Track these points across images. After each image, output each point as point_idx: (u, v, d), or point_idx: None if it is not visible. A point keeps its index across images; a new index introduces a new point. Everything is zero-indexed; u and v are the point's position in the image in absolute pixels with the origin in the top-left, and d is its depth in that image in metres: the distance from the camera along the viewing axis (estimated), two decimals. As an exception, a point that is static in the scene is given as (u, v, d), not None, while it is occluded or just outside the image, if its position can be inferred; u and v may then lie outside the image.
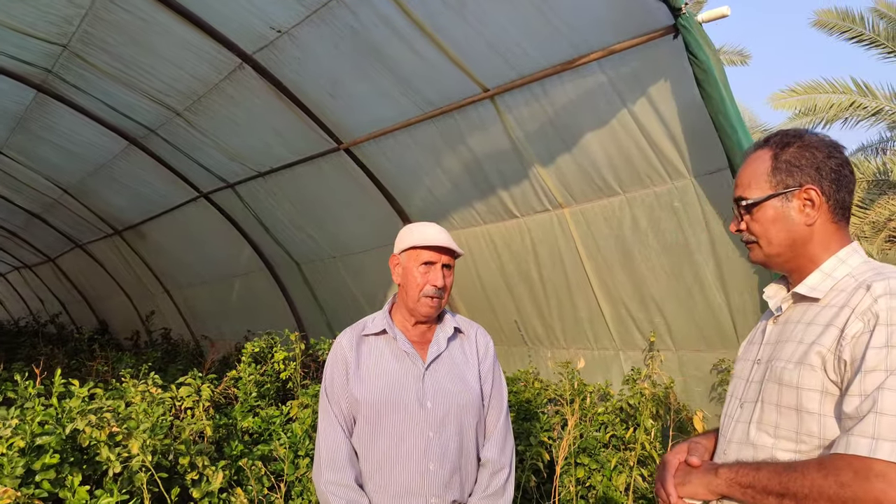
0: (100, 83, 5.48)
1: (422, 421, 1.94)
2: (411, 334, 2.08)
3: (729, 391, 1.62)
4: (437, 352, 2.05)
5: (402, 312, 2.10)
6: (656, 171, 3.66)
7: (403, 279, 2.05)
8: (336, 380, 2.02)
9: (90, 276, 12.30)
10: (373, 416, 1.94)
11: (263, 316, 8.02)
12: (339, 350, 2.05)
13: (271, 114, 5.08)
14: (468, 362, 2.09)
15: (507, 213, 4.53)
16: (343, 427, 1.99)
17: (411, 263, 2.02)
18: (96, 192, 8.43)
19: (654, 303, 4.08)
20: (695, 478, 1.44)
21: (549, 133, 3.85)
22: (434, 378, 2.00)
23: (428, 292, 2.00)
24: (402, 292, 2.07)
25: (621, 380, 4.48)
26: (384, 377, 1.98)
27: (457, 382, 2.02)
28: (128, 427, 2.55)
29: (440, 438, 1.94)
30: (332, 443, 1.96)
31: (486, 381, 2.10)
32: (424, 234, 2.03)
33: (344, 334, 2.09)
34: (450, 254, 2.06)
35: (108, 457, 2.44)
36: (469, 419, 2.01)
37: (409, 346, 2.03)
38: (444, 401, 1.97)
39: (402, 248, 2.06)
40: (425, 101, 4.17)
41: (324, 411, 2.02)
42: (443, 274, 2.03)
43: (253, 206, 6.69)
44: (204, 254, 8.48)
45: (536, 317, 4.85)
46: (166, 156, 6.59)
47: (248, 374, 4.89)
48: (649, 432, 3.68)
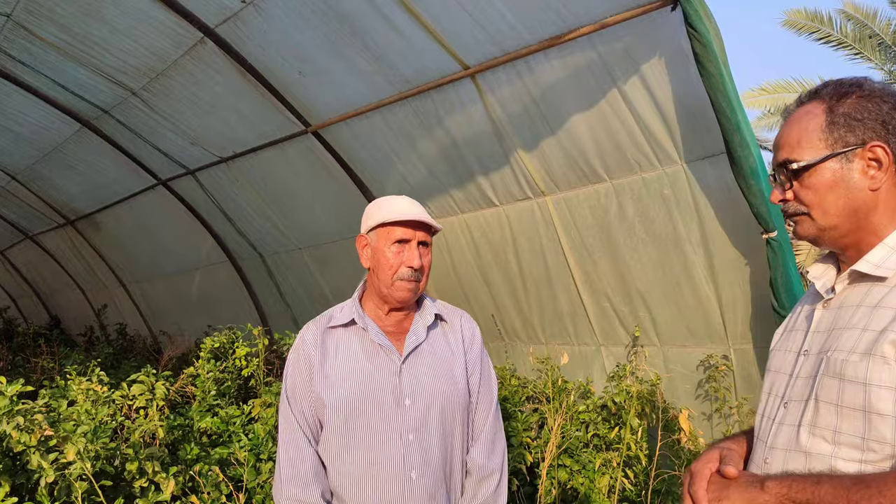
0: (48, 58, 5.08)
1: (400, 422, 1.68)
2: (385, 324, 1.82)
3: (765, 388, 1.40)
4: (416, 342, 1.79)
5: (373, 300, 1.84)
6: (646, 157, 3.46)
7: (374, 261, 1.79)
8: (298, 381, 1.75)
9: (41, 270, 11.71)
10: (342, 420, 1.68)
11: (225, 310, 7.66)
12: (301, 346, 1.79)
13: (235, 94, 4.77)
14: (453, 354, 1.84)
15: (486, 201, 4.30)
16: (307, 435, 1.72)
17: (382, 243, 1.77)
18: (47, 179, 7.95)
19: (639, 296, 3.89)
20: (734, 492, 1.19)
21: (534, 115, 3.63)
22: (413, 373, 1.74)
23: (403, 275, 1.75)
24: (373, 277, 1.81)
25: (603, 377, 4.29)
26: (354, 375, 1.72)
27: (439, 377, 1.76)
28: (63, 430, 2.24)
29: (422, 442, 1.68)
30: (295, 454, 1.69)
31: (473, 375, 1.85)
32: (395, 208, 1.77)
33: (307, 328, 1.83)
34: (426, 229, 1.80)
35: (39, 464, 2.13)
36: (454, 419, 1.76)
37: (382, 337, 1.77)
38: (424, 398, 1.71)
39: (370, 226, 1.80)
40: (401, 79, 3.91)
41: (284, 418, 1.75)
42: (419, 253, 1.77)
43: (215, 194, 6.34)
44: (162, 245, 8.07)
45: (514, 310, 4.64)
46: (122, 140, 6.20)
47: (207, 371, 4.58)
48: (636, 432, 3.49)
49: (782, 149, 1.30)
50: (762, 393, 1.41)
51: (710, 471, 1.29)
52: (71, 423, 2.39)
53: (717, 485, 1.25)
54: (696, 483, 1.27)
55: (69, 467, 2.30)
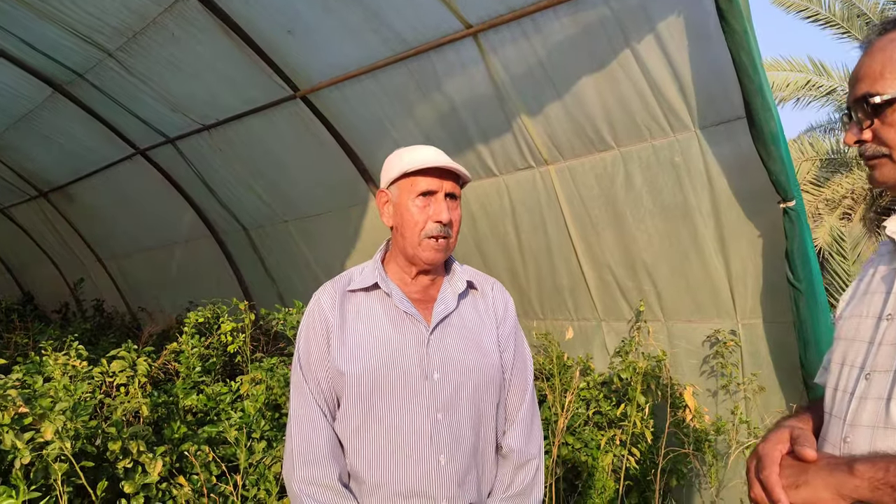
0: (15, 14, 4.75)
1: (428, 398, 1.50)
2: (411, 289, 1.63)
3: (835, 359, 1.24)
4: (445, 311, 1.60)
5: (398, 262, 1.65)
6: (657, 123, 3.30)
7: (397, 218, 1.60)
8: (313, 349, 1.57)
9: (13, 244, 11.30)
10: (362, 394, 1.51)
11: (207, 286, 7.40)
12: (317, 310, 1.59)
13: (219, 56, 4.50)
14: (484, 325, 1.65)
15: (485, 170, 4.11)
16: (323, 410, 1.54)
17: (405, 196, 1.58)
18: (17, 148, 7.58)
19: (644, 269, 3.75)
20: (815, 477, 1.04)
21: (539, 77, 3.44)
22: (442, 344, 1.56)
23: (431, 231, 1.56)
24: (397, 236, 1.62)
25: (603, 353, 4.17)
26: (377, 343, 1.54)
27: (471, 350, 1.58)
28: (40, 407, 2.04)
29: (452, 422, 1.51)
30: (309, 430, 1.52)
31: (507, 349, 1.67)
32: (419, 156, 1.58)
33: (323, 290, 1.63)
34: (454, 179, 1.61)
35: (13, 444, 1.94)
36: (488, 397, 1.58)
37: (408, 304, 1.59)
38: (455, 373, 1.54)
39: (391, 179, 1.61)
40: (398, 38, 3.69)
41: (297, 390, 1.57)
42: (447, 206, 1.58)
43: (196, 164, 6.07)
44: (141, 219, 7.77)
45: (511, 284, 4.47)
46: (97, 106, 5.88)
47: (192, 347, 4.37)
48: (642, 409, 3.37)
49: (862, 81, 1.13)
50: (831, 364, 1.25)
51: (781, 453, 1.14)
52: (48, 399, 2.20)
53: (792, 469, 1.09)
54: (767, 468, 1.11)
55: (47, 447, 2.11)
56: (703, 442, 3.49)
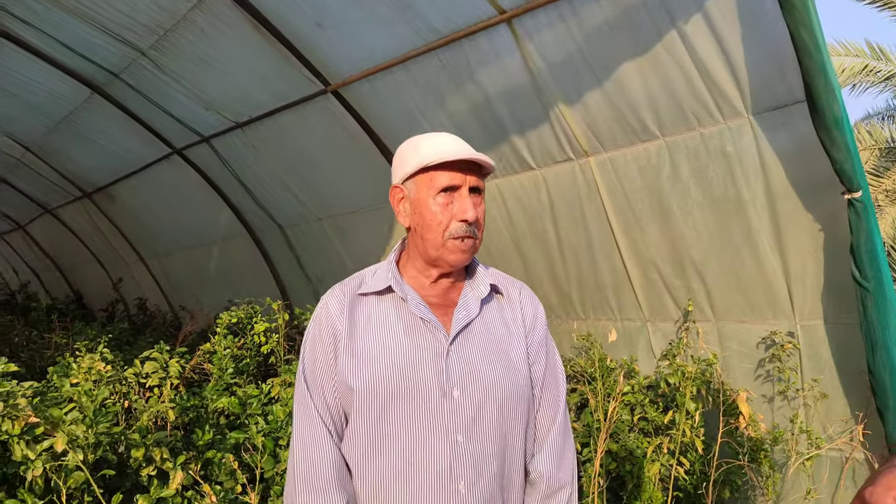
0: (51, 15, 4.77)
1: (447, 418, 1.33)
2: (429, 294, 1.47)
3: None
4: (467, 318, 1.43)
5: (416, 264, 1.49)
6: (706, 109, 3.07)
7: (416, 218, 1.43)
8: (319, 359, 1.42)
9: (62, 244, 11.57)
10: (372, 412, 1.34)
11: (245, 285, 7.40)
12: (324, 316, 1.44)
13: (249, 51, 4.42)
14: (511, 335, 1.47)
15: (522, 163, 3.93)
16: (329, 428, 1.39)
17: (424, 193, 1.41)
18: (61, 150, 7.71)
19: (692, 266, 3.52)
20: None
21: (578, 63, 3.24)
22: (463, 356, 1.38)
23: (456, 231, 1.39)
24: (416, 237, 1.45)
25: (649, 355, 3.95)
26: (390, 353, 1.37)
27: (496, 363, 1.40)
28: (50, 417, 1.96)
29: (474, 445, 1.34)
30: (313, 452, 1.36)
31: (537, 362, 1.49)
32: (438, 147, 1.41)
33: (331, 293, 1.47)
34: (477, 171, 1.43)
35: (25, 455, 1.86)
36: (515, 416, 1.40)
37: (425, 310, 1.41)
38: (478, 388, 1.36)
39: (407, 173, 1.44)
40: (429, 28, 3.54)
41: (301, 405, 1.41)
42: (472, 202, 1.41)
43: (231, 162, 6.04)
44: (179, 218, 7.81)
45: (550, 283, 4.29)
46: (134, 106, 5.90)
47: (224, 348, 4.31)
48: (692, 416, 3.15)
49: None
50: None
51: None
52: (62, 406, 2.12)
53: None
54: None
55: (63, 457, 2.03)
56: (759, 452, 3.25)
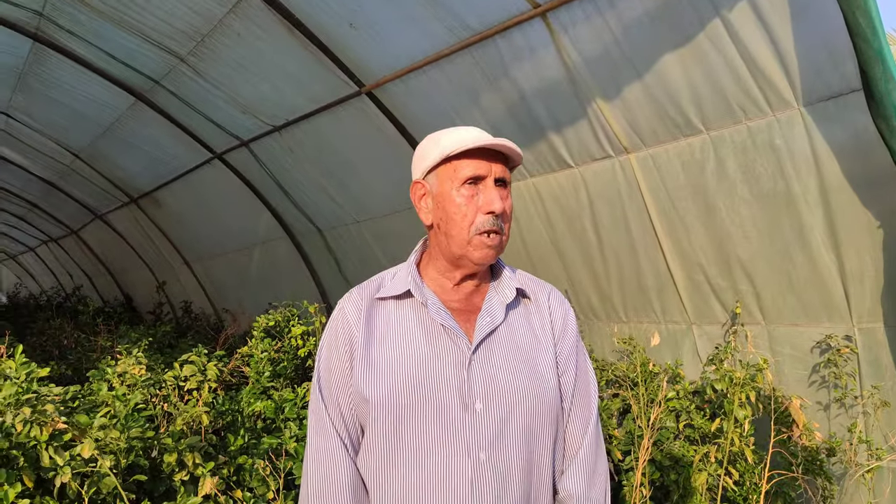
0: (94, 25, 4.87)
1: (468, 433, 1.24)
2: (451, 298, 1.37)
3: None
4: (491, 325, 1.33)
5: (437, 265, 1.39)
6: (753, 101, 2.91)
7: (439, 213, 1.33)
8: (335, 368, 1.34)
9: (112, 249, 11.91)
10: (388, 426, 1.26)
11: (286, 287, 7.46)
12: (340, 322, 1.36)
13: (283, 54, 4.42)
14: (538, 342, 1.37)
15: (559, 161, 3.82)
16: (344, 442, 1.31)
17: (447, 185, 1.31)
18: (108, 157, 7.91)
19: (740, 266, 3.36)
20: None
21: (616, 57, 3.12)
22: (486, 366, 1.29)
23: (483, 225, 1.29)
24: (439, 235, 1.34)
25: (694, 359, 3.79)
26: (408, 363, 1.28)
27: (521, 374, 1.30)
28: (77, 423, 1.96)
29: (497, 462, 1.24)
30: (328, 467, 1.29)
31: (567, 371, 1.38)
32: (461, 137, 1.31)
33: (348, 298, 1.39)
34: (503, 161, 1.34)
35: (54, 461, 1.86)
36: (543, 431, 1.30)
37: (446, 316, 1.32)
38: (502, 401, 1.27)
39: (428, 166, 1.34)
40: (462, 25, 3.46)
41: (316, 417, 1.34)
42: (499, 193, 1.31)
43: (269, 166, 6.07)
44: (221, 221, 7.93)
45: (591, 285, 4.16)
46: (175, 111, 5.99)
47: (262, 351, 4.32)
48: (741, 424, 2.99)
49: None
50: None
51: None
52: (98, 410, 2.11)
53: None
54: None
55: (92, 463, 2.02)
56: (814, 463, 3.07)
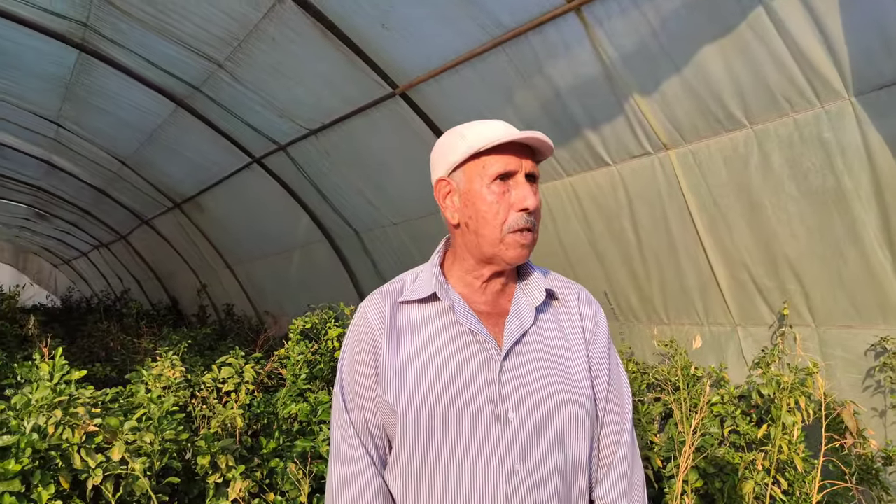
0: (135, 34, 4.97)
1: (501, 444, 1.18)
2: (477, 300, 1.31)
3: None
4: (521, 329, 1.27)
5: (464, 265, 1.33)
6: (800, 92, 2.78)
7: (468, 211, 1.27)
8: (359, 376, 1.28)
9: (158, 253, 12.19)
10: (418, 436, 1.20)
11: (324, 290, 7.50)
12: (363, 327, 1.30)
13: (317, 57, 4.43)
14: (570, 346, 1.30)
15: (596, 159, 3.73)
16: (370, 453, 1.25)
17: (477, 183, 1.25)
18: (152, 163, 8.09)
19: (787, 266, 3.21)
20: None
21: (653, 50, 3.02)
22: (518, 372, 1.23)
23: (516, 223, 1.23)
24: (468, 234, 1.28)
25: (740, 362, 3.64)
26: (436, 371, 1.22)
27: (555, 379, 1.24)
28: (108, 426, 1.97)
29: (532, 473, 1.18)
30: (354, 480, 1.23)
31: (600, 375, 1.32)
32: (489, 132, 1.25)
33: (370, 301, 1.34)
34: (531, 156, 1.27)
35: (86, 464, 1.87)
36: (578, 438, 1.24)
37: (474, 320, 1.26)
38: (536, 409, 1.20)
39: (455, 163, 1.27)
40: (494, 22, 3.40)
41: (339, 428, 1.28)
42: (531, 189, 1.25)
43: (307, 169, 6.11)
44: (261, 225, 8.03)
45: (631, 286, 4.05)
46: (214, 116, 6.08)
47: (298, 354, 4.33)
48: (789, 431, 2.85)
49: None
50: None
51: None
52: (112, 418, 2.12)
53: None
54: None
55: (123, 466, 2.03)
56: (869, 472, 2.91)
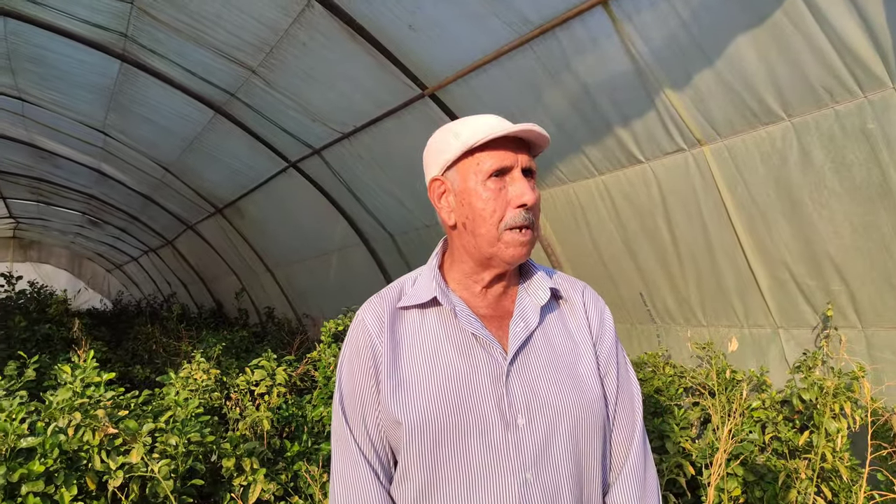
0: (172, 43, 5.08)
1: (512, 452, 1.13)
2: (478, 304, 1.26)
3: None
4: (526, 330, 1.21)
5: (462, 267, 1.28)
6: (840, 82, 2.65)
7: (464, 211, 1.22)
8: (359, 387, 1.22)
9: (202, 257, 12.47)
10: (426, 449, 1.14)
11: (361, 293, 7.46)
12: (361, 336, 1.24)
13: (347, 60, 4.45)
14: (577, 346, 1.25)
15: (628, 156, 3.63)
16: (374, 468, 1.19)
17: (471, 180, 1.20)
18: (194, 169, 8.27)
19: (831, 265, 3.07)
20: None
21: (684, 43, 2.92)
22: (525, 377, 1.18)
23: (513, 220, 1.18)
24: (465, 234, 1.23)
25: (782, 365, 3.50)
26: (442, 380, 1.17)
27: (563, 383, 1.19)
28: (127, 428, 1.98)
29: (545, 481, 1.13)
30: (357, 498, 1.17)
31: (608, 375, 1.26)
32: (482, 127, 1.19)
33: (368, 307, 1.28)
34: (527, 150, 1.22)
35: (106, 466, 1.89)
36: (590, 443, 1.18)
37: (477, 324, 1.20)
38: (545, 415, 1.15)
39: (448, 161, 1.23)
40: (521, 19, 3.35)
41: (340, 443, 1.22)
42: (528, 185, 1.20)
43: (341, 172, 6.15)
44: (299, 229, 8.12)
45: (667, 287, 3.93)
46: (250, 122, 6.18)
47: (329, 356, 4.34)
48: (833, 438, 2.71)
49: None
50: None
51: None
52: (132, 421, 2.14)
53: None
54: None
55: (145, 468, 2.05)
56: (921, 483, 2.74)
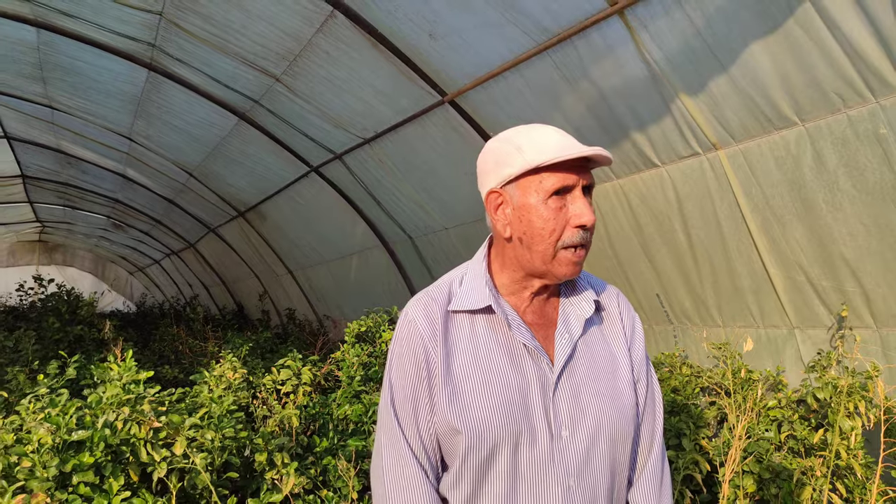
0: (198, 52, 5.24)
1: (556, 462, 1.18)
2: (525, 311, 1.29)
3: None
4: (570, 343, 1.25)
5: (512, 275, 1.28)
6: (852, 87, 2.71)
7: (521, 226, 1.21)
8: (412, 390, 1.23)
9: (224, 260, 12.68)
10: (480, 457, 1.17)
11: (381, 294, 7.67)
12: (415, 338, 1.24)
13: (369, 68, 4.57)
14: (615, 356, 1.30)
15: (644, 161, 3.71)
16: (426, 469, 1.22)
17: (532, 197, 1.19)
18: (217, 174, 8.46)
19: (845, 266, 3.12)
20: None
21: (698, 49, 3.00)
22: (571, 389, 1.22)
23: (571, 240, 1.19)
24: (520, 248, 1.24)
25: (798, 365, 3.55)
26: (498, 390, 1.19)
27: (605, 394, 1.24)
28: (171, 422, 2.10)
29: (585, 487, 1.19)
30: (410, 497, 1.19)
31: (640, 380, 1.31)
32: (547, 146, 1.18)
33: (417, 307, 1.27)
34: (587, 167, 1.23)
35: (151, 458, 2.01)
36: (624, 447, 1.25)
37: (528, 335, 1.23)
38: (588, 426, 1.20)
39: (510, 175, 1.21)
40: (538, 27, 3.44)
41: (391, 441, 1.23)
42: (587, 204, 1.22)
43: (362, 177, 6.28)
44: (320, 232, 8.27)
45: (684, 288, 4.00)
46: (273, 128, 6.33)
47: (353, 356, 4.45)
48: (847, 436, 2.77)
49: None
50: None
51: None
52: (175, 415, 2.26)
53: None
54: None
55: (186, 460, 2.17)
56: (936, 480, 2.79)
